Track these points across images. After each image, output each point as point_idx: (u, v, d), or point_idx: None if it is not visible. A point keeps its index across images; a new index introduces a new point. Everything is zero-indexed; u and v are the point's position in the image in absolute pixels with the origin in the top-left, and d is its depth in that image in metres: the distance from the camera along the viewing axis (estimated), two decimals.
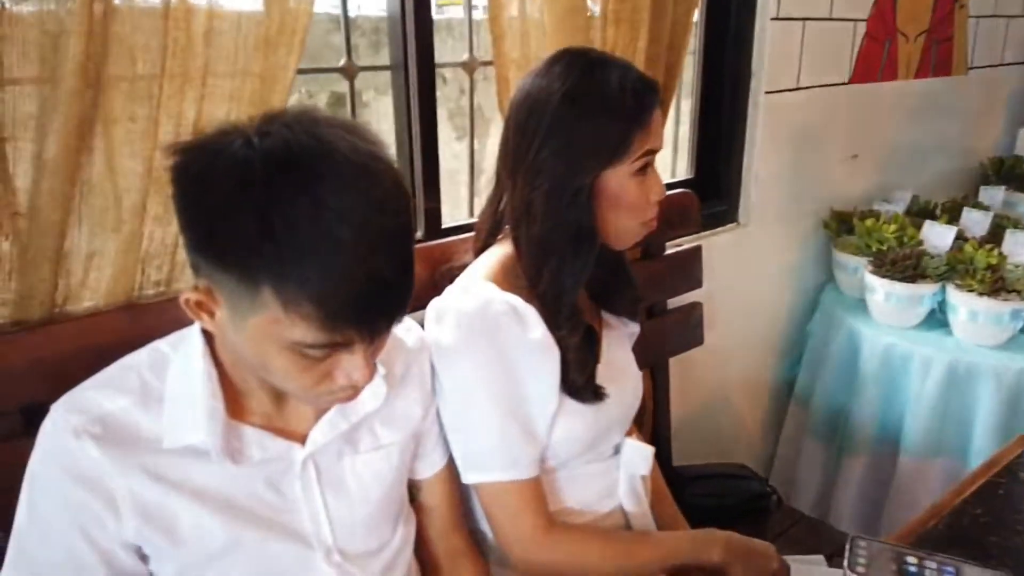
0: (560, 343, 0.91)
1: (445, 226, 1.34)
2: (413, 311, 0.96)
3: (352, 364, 0.66)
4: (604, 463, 1.02)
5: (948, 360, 1.64)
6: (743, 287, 1.86)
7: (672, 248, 1.48)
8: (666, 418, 1.49)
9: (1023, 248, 1.74)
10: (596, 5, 1.28)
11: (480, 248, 1.02)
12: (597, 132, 0.88)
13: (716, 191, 1.82)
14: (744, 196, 1.82)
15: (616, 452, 1.03)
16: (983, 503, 0.93)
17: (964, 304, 1.66)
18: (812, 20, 1.80)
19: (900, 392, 1.73)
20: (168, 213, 0.90)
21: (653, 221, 0.96)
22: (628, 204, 0.91)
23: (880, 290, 1.75)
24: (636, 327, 1.12)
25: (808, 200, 1.99)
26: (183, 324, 0.73)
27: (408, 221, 0.65)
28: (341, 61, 1.22)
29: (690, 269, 1.50)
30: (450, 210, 1.42)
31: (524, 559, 0.93)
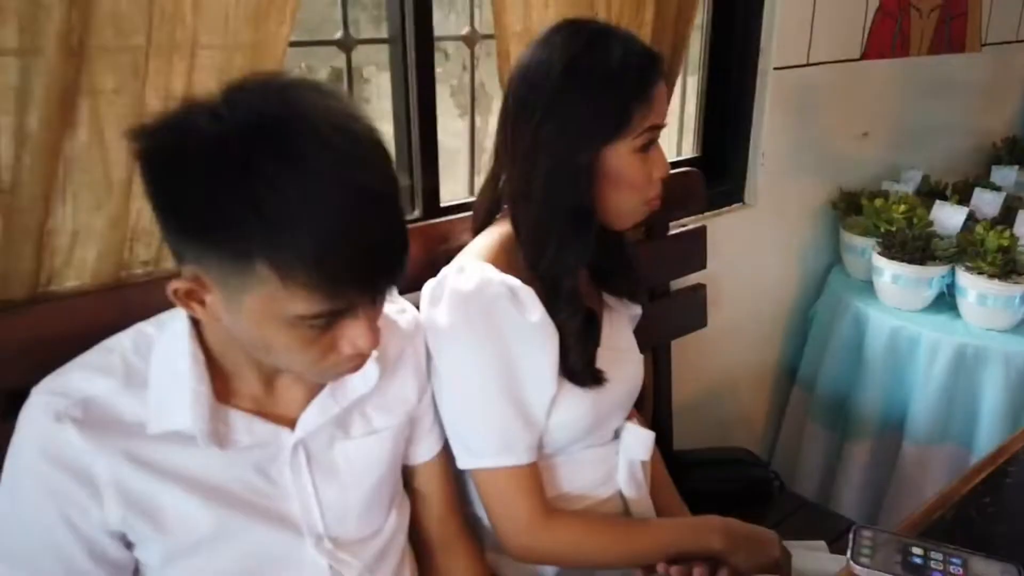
0: (559, 326, 0.89)
1: (444, 204, 1.31)
2: (409, 292, 0.95)
3: (356, 331, 0.65)
4: (603, 448, 1.00)
5: (956, 344, 1.61)
6: (748, 269, 1.82)
7: (676, 228, 1.45)
8: (667, 402, 1.47)
9: None
10: None
11: (478, 228, 0.99)
12: (598, 107, 0.85)
13: (722, 170, 1.77)
14: (751, 175, 1.78)
15: (616, 437, 1.01)
16: (991, 492, 0.91)
17: (973, 287, 1.63)
18: None
19: (906, 376, 1.70)
20: None
21: (656, 200, 0.93)
22: (630, 182, 0.88)
23: (887, 272, 1.71)
24: (638, 309, 1.10)
25: (816, 180, 1.95)
26: (172, 304, 0.70)
27: (393, 176, 0.64)
28: (338, 34, 1.19)
29: (694, 250, 1.47)
30: (453, 188, 1.39)
31: (520, 546, 0.91)
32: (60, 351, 0.72)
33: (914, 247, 1.69)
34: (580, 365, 0.91)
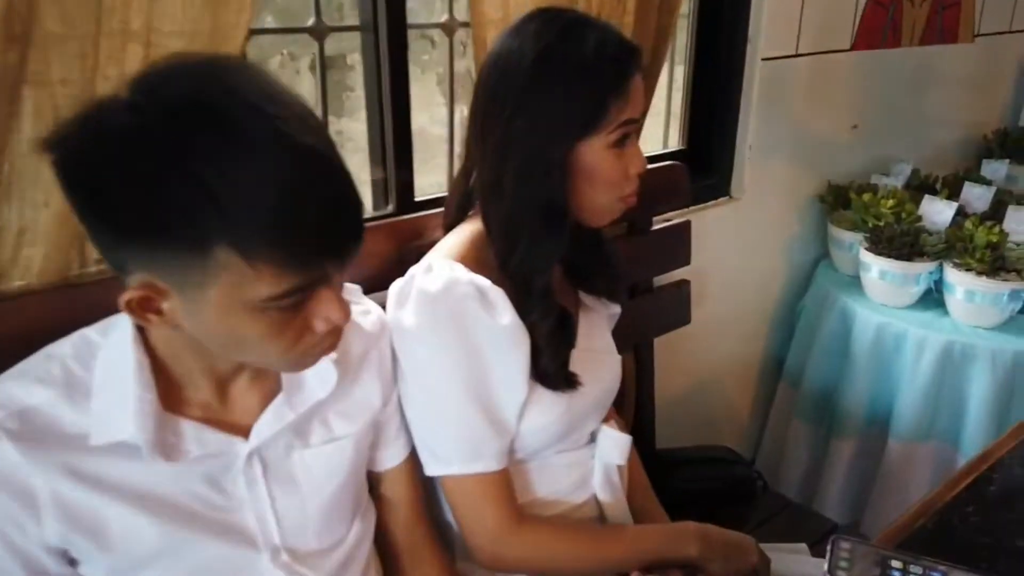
0: (531, 328, 0.86)
1: (420, 199, 1.27)
2: (374, 292, 0.91)
3: (327, 306, 0.63)
4: (578, 452, 0.97)
5: (943, 341, 1.59)
6: (734, 264, 1.79)
7: (660, 223, 1.42)
8: (650, 400, 1.44)
9: None
10: None
11: (450, 224, 0.95)
12: (571, 100, 0.81)
13: (709, 163, 1.74)
14: (737, 168, 1.75)
15: (591, 440, 0.99)
16: (974, 500, 0.89)
17: (961, 283, 1.61)
18: None
19: (892, 373, 1.68)
20: None
21: (632, 197, 0.89)
22: (604, 179, 0.84)
23: (875, 267, 1.69)
24: (617, 308, 1.07)
25: (804, 173, 1.92)
26: None
27: (328, 135, 0.62)
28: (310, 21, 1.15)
29: (678, 245, 1.44)
30: (439, 180, 1.35)
31: (490, 555, 0.88)
32: (6, 354, 0.68)
33: (902, 243, 1.66)
34: (553, 368, 0.88)
